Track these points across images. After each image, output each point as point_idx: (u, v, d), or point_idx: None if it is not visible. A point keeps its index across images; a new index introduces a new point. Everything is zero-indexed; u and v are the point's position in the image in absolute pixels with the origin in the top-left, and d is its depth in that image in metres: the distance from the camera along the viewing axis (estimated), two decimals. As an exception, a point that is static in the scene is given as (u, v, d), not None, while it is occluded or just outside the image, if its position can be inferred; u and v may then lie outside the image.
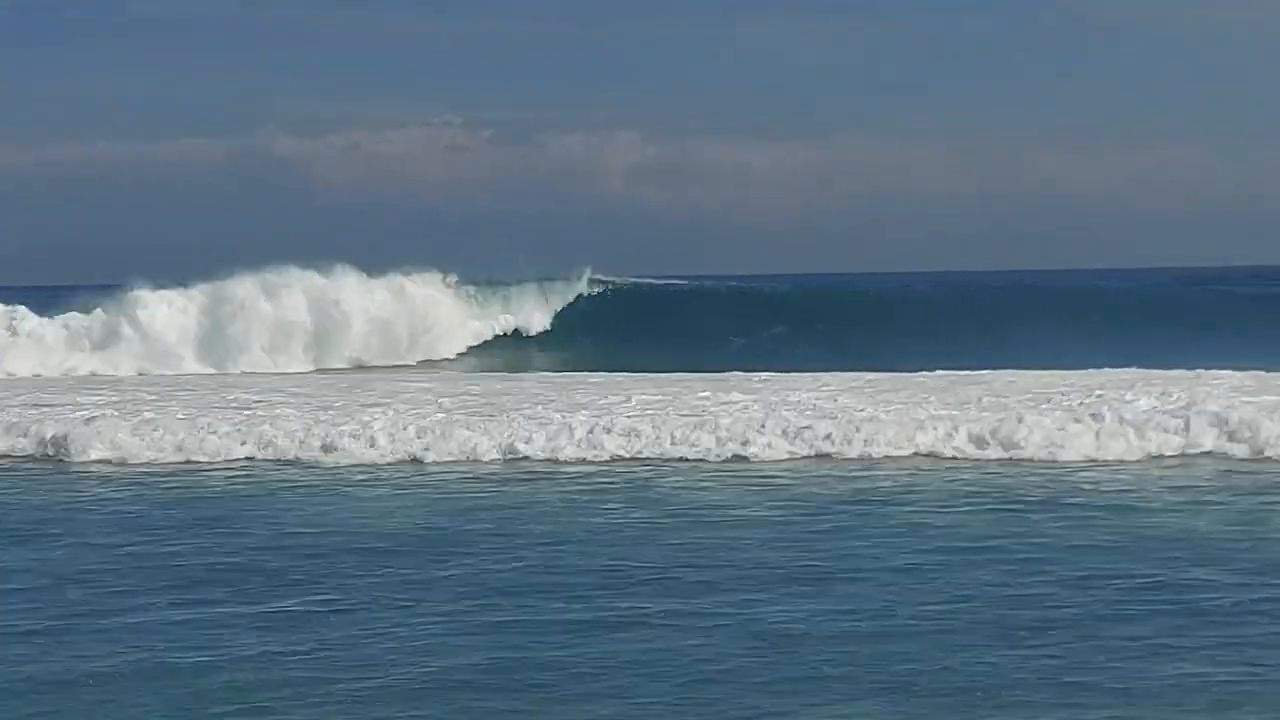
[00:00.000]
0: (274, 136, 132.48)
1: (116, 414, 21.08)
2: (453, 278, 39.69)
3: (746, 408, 20.43)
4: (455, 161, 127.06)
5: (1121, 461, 17.31)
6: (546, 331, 40.02)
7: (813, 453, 18.08)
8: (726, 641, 9.46)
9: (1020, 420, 18.41)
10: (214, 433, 19.43)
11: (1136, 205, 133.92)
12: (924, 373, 25.73)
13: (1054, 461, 17.35)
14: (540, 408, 20.95)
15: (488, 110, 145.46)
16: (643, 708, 8.20)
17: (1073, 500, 14.78)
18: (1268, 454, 17.31)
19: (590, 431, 18.73)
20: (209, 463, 18.50)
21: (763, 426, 18.67)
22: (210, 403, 23.27)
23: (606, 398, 22.47)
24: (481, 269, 41.14)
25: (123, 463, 18.59)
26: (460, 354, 38.47)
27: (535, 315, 40.23)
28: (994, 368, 26.47)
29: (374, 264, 38.92)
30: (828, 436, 18.32)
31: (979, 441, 18.02)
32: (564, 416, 19.60)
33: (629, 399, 22.11)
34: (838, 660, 8.95)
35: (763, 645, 9.34)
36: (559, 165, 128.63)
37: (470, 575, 11.52)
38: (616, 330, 38.60)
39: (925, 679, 8.57)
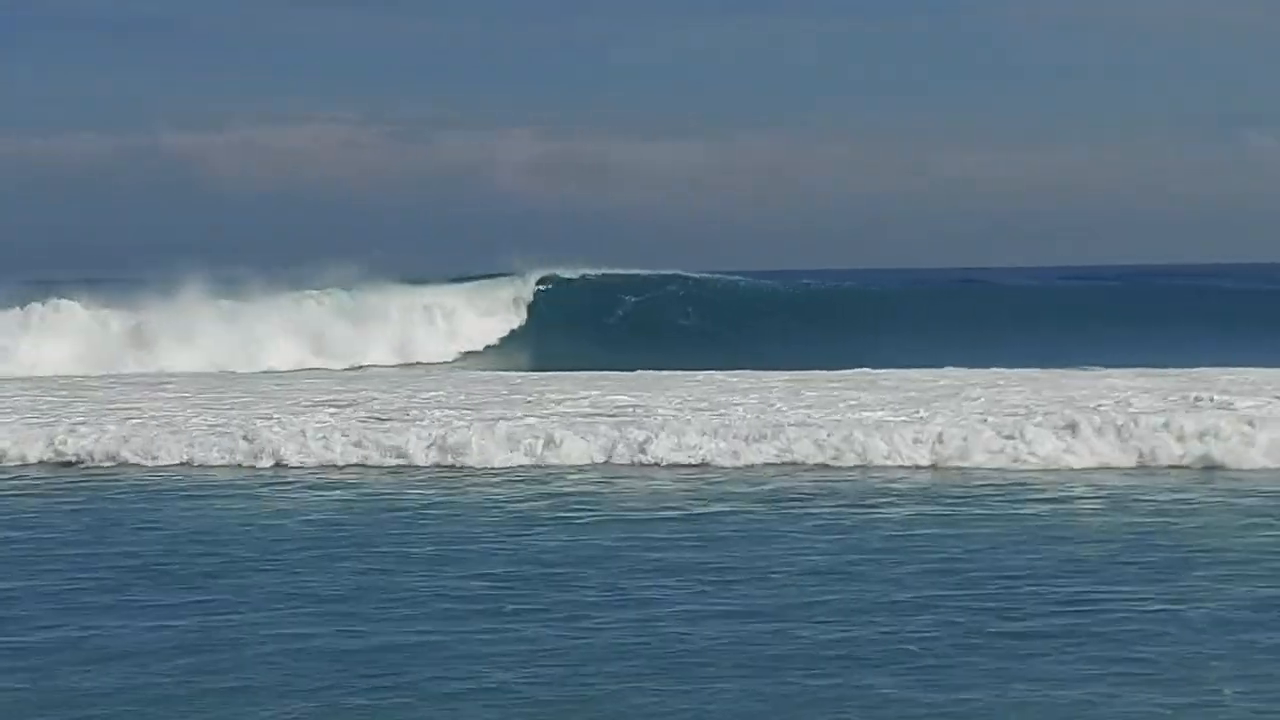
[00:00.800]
0: (164, 131, 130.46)
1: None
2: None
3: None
4: (350, 158, 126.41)
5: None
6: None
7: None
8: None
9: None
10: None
11: (1055, 204, 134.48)
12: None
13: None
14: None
15: (384, 107, 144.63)
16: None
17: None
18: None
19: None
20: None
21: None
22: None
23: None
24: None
25: None
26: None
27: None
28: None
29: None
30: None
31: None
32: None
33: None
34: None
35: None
36: (453, 162, 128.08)
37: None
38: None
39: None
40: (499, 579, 11.33)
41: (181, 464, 17.93)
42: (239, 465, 17.79)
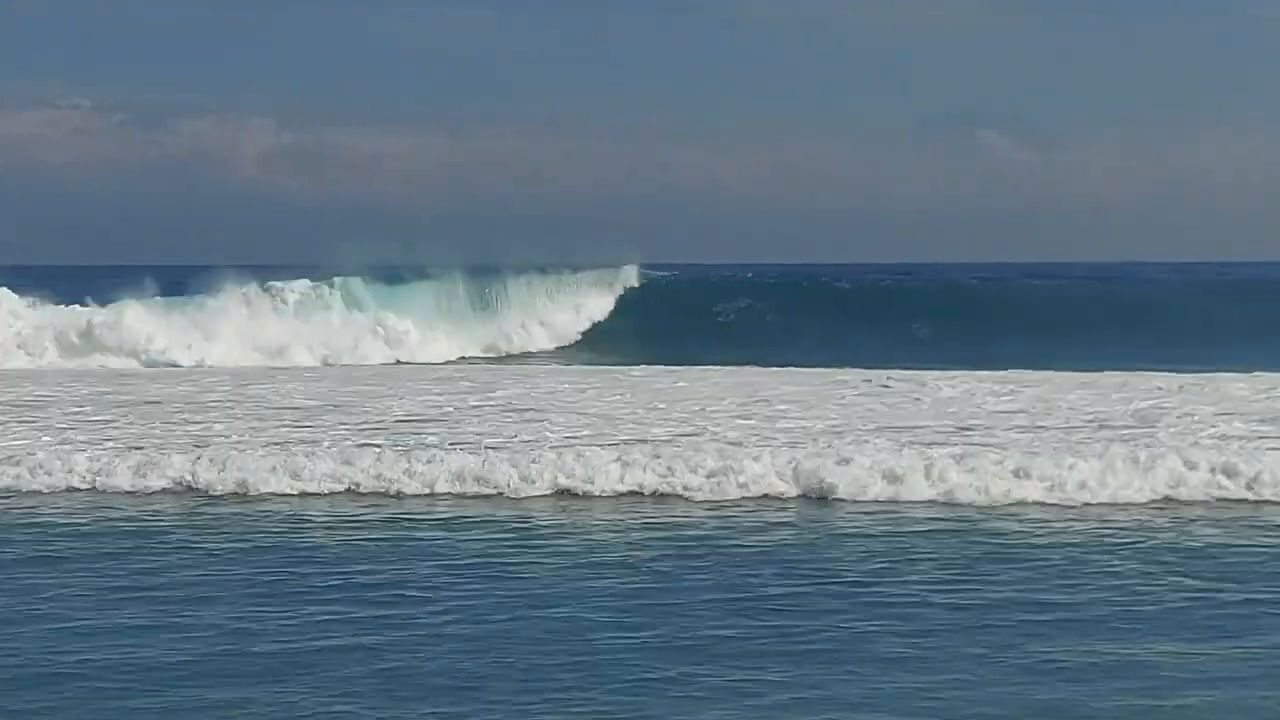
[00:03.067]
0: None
1: None
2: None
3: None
4: (82, 145, 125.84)
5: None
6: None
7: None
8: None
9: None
10: None
11: (786, 200, 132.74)
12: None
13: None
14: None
15: (119, 94, 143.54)
16: None
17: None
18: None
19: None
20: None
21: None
22: None
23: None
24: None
25: None
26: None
27: None
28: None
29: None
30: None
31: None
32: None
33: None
34: None
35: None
36: (191, 150, 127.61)
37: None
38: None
39: None
40: None
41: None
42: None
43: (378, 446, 17.12)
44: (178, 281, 38.67)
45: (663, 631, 9.93)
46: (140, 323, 35.56)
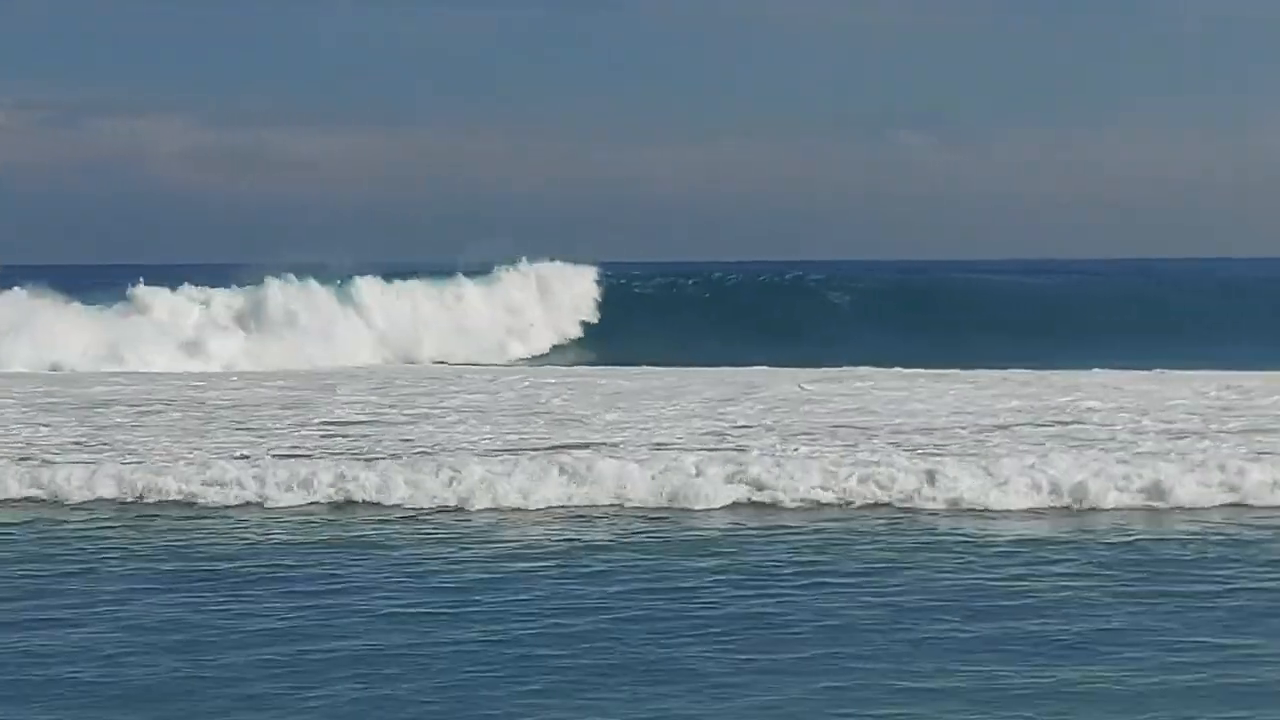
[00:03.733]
0: None
1: None
2: None
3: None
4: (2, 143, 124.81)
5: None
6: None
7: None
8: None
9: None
10: None
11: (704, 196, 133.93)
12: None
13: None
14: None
15: (38, 92, 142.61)
16: None
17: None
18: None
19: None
20: None
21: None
22: None
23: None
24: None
25: None
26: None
27: None
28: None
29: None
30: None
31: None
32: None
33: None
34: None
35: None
36: (111, 149, 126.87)
37: None
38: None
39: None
40: None
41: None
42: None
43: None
44: (102, 282, 38.25)
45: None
46: None
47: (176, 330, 36.03)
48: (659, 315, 41.13)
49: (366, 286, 38.55)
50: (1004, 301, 44.42)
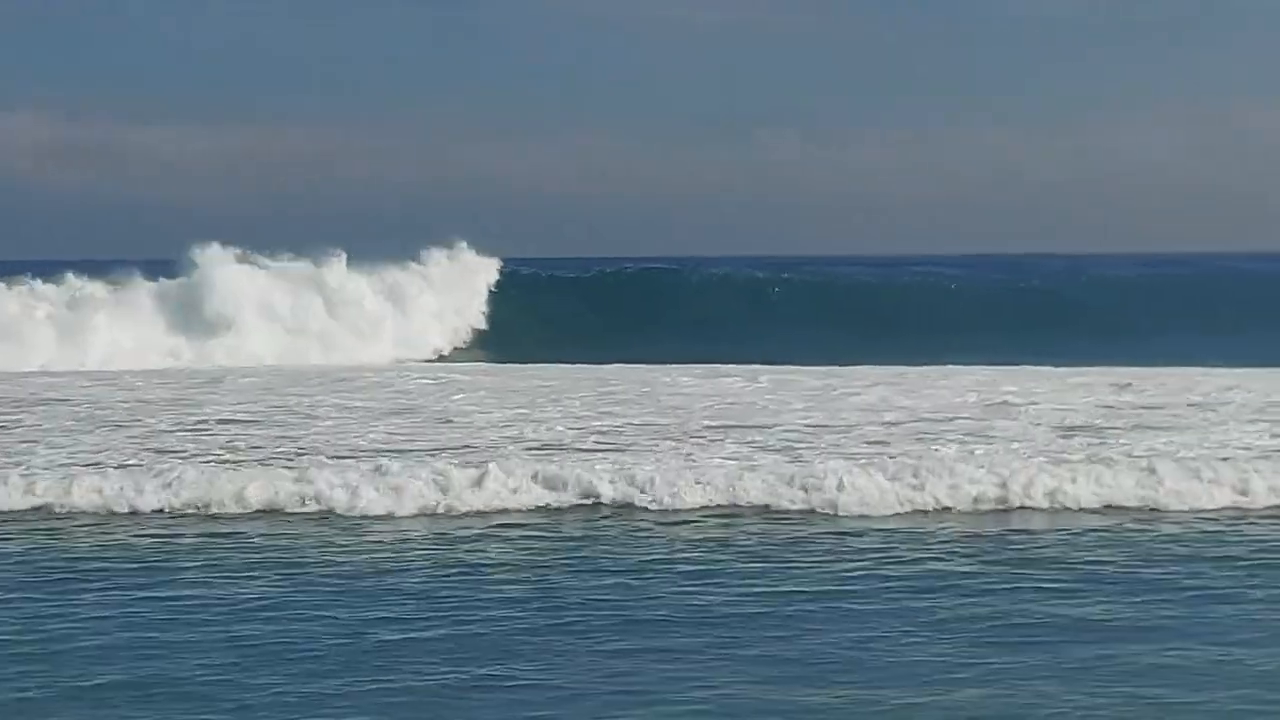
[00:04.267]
0: None
1: None
2: None
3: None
4: None
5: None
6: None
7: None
8: None
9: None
10: None
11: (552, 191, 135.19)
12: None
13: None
14: None
15: None
16: None
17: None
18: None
19: None
20: None
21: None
22: None
23: None
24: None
25: None
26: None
27: None
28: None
29: None
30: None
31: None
32: None
33: None
34: None
35: None
36: None
37: None
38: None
39: None
40: None
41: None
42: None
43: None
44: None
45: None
46: None
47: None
48: (558, 312, 40.89)
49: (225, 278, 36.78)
50: (866, 298, 44.57)
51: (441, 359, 36.36)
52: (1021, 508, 14.91)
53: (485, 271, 40.61)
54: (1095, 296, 45.42)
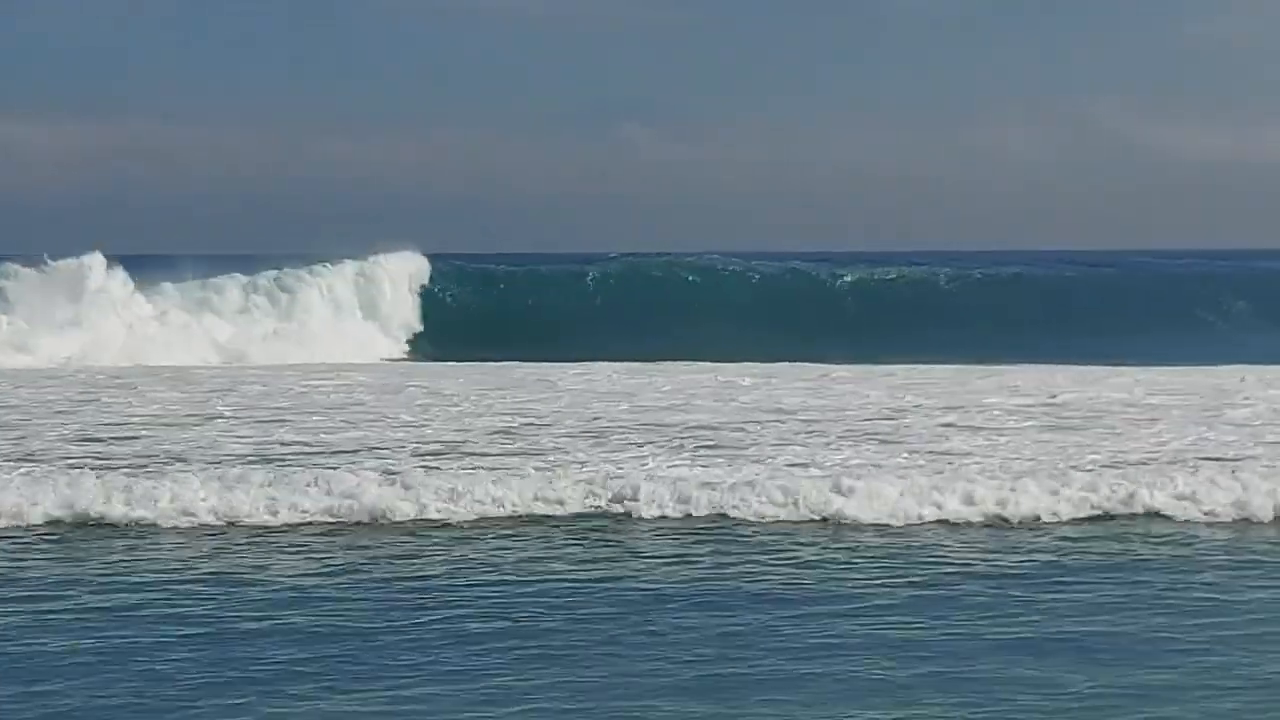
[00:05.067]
0: None
1: None
2: None
3: None
4: None
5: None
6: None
7: None
8: None
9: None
10: None
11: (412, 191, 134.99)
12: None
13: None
14: None
15: None
16: None
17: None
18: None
19: None
20: None
21: None
22: None
23: None
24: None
25: None
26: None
27: None
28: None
29: None
30: None
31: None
32: None
33: None
34: None
35: None
36: None
37: None
38: None
39: None
40: None
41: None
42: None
43: None
44: None
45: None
46: None
47: None
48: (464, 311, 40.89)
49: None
50: (736, 292, 43.90)
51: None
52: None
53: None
54: (949, 297, 45.33)
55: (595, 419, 20.22)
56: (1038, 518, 14.21)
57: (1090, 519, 14.28)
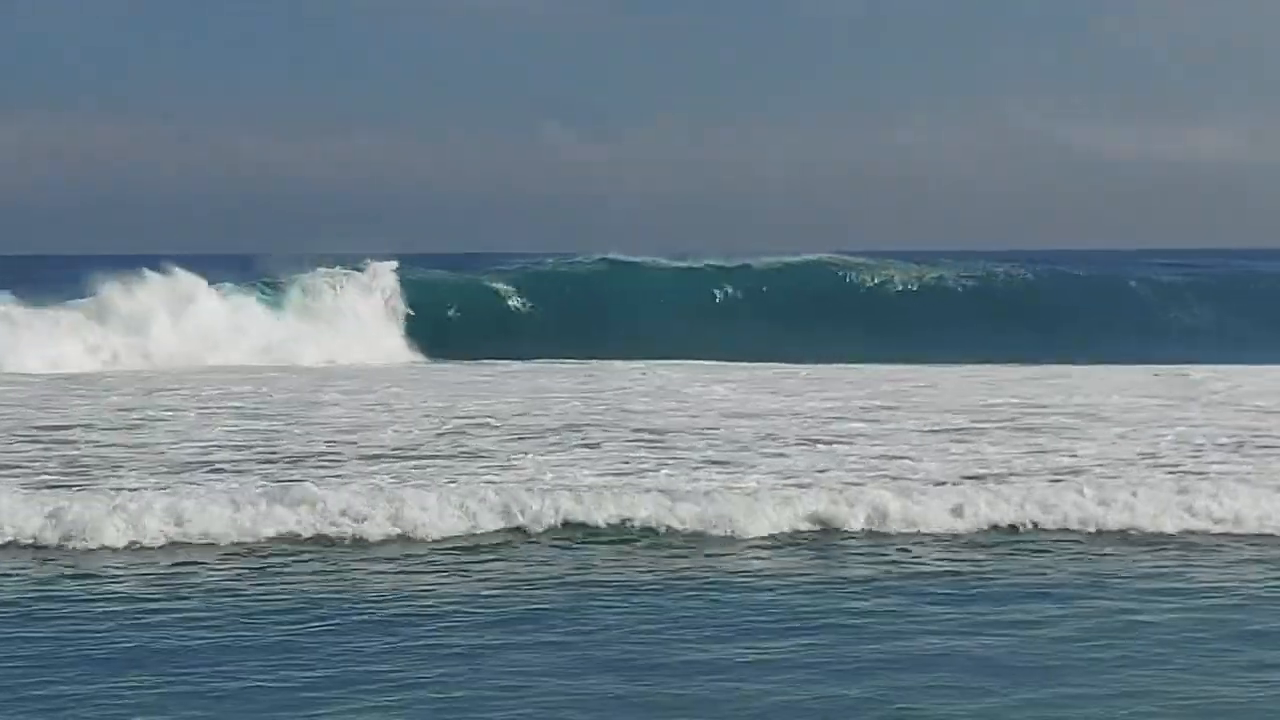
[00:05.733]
0: None
1: None
2: None
3: None
4: None
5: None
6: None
7: None
8: None
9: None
10: None
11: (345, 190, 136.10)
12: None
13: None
14: None
15: None
16: None
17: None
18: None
19: None
20: None
21: None
22: None
23: None
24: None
25: None
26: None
27: None
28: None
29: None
30: None
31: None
32: None
33: None
34: None
35: None
36: None
37: None
38: None
39: None
40: None
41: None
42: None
43: None
44: None
45: None
46: None
47: None
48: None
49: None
50: (671, 295, 44.04)
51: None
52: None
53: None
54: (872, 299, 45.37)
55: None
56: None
57: (992, 530, 13.95)
